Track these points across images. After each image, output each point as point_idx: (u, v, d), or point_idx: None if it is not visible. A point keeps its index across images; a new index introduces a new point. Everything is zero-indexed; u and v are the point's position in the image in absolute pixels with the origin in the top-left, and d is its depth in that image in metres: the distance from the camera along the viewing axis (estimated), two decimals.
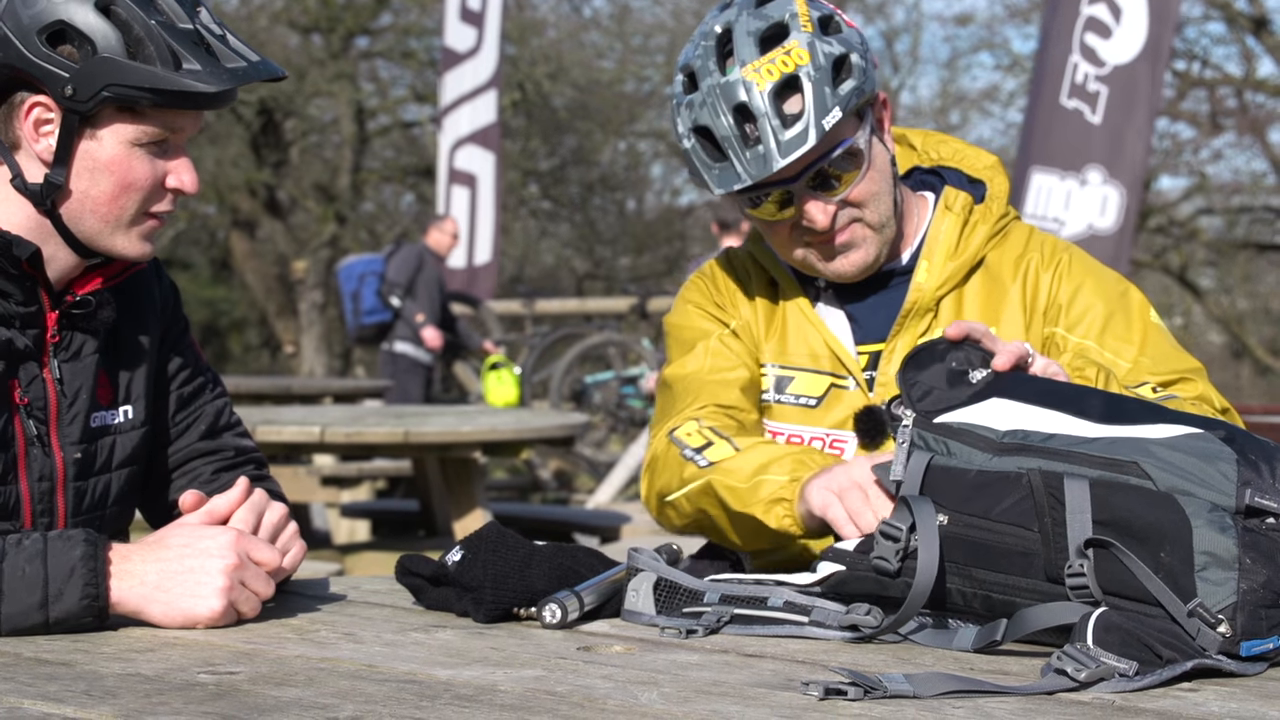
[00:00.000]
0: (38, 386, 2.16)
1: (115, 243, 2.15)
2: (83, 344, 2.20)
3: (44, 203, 2.12)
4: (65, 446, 2.18)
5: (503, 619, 2.01)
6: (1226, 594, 1.74)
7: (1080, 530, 1.80)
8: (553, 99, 23.10)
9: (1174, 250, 21.76)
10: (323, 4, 21.47)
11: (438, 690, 1.63)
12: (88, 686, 1.63)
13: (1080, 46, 8.93)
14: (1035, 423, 1.90)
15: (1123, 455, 1.82)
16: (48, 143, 2.10)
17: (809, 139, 2.33)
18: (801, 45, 2.35)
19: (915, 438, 1.93)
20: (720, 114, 2.35)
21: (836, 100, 2.35)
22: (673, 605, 1.99)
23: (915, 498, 1.89)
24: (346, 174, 22.13)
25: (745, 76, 2.35)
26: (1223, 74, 21.45)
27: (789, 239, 2.47)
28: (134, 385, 2.26)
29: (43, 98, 2.08)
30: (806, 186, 2.40)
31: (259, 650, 1.83)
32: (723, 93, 2.35)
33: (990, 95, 24.10)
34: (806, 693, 1.62)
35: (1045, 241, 2.55)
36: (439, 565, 2.07)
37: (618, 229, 24.85)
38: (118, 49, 2.05)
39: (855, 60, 2.38)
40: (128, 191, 2.12)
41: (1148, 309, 2.52)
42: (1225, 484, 1.78)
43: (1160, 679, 1.68)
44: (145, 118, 2.10)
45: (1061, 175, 8.94)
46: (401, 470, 9.33)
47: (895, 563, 1.88)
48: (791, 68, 2.34)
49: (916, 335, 2.48)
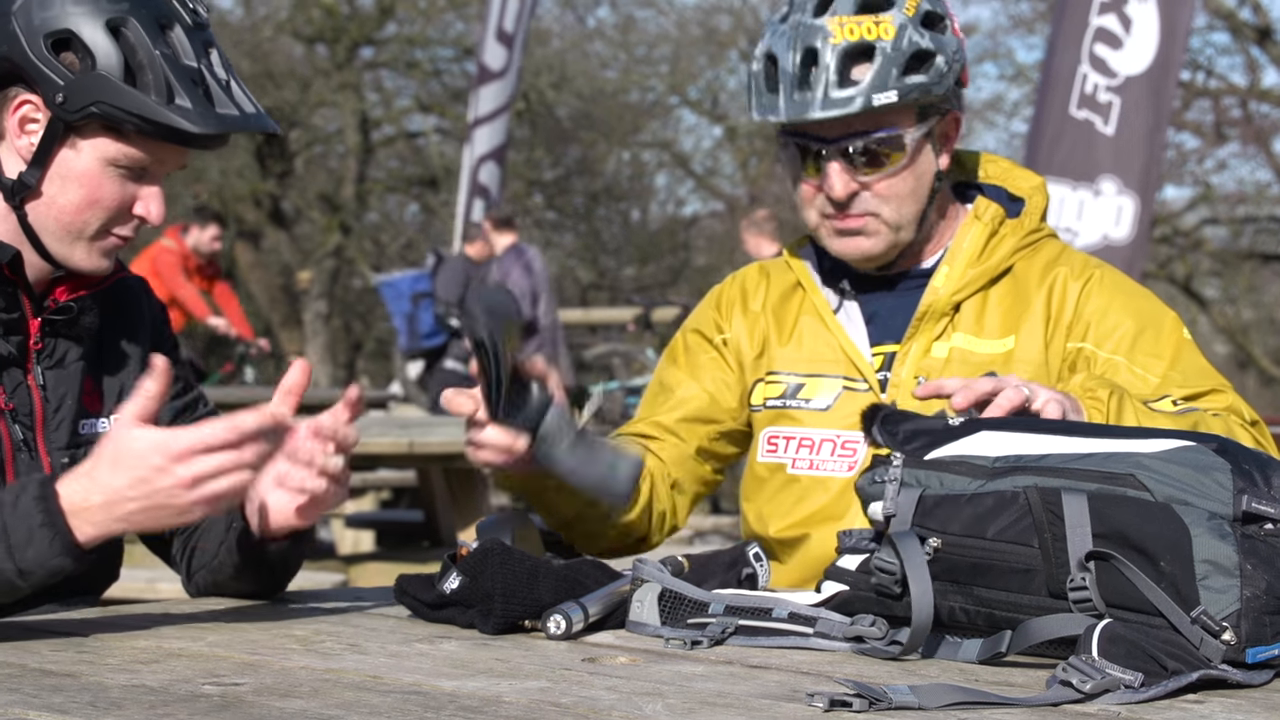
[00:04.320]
0: (22, 393, 2.17)
1: (73, 253, 2.17)
2: (67, 351, 2.21)
3: (13, 199, 2.14)
4: (52, 452, 2.19)
5: (509, 630, 2.01)
6: (1229, 601, 1.74)
7: (1080, 544, 1.80)
8: (557, 109, 23.13)
9: (1179, 260, 21.75)
10: (327, 14, 21.50)
11: (442, 702, 1.63)
12: (93, 698, 1.63)
13: (1090, 57, 8.92)
14: (1026, 446, 1.91)
15: (1118, 469, 1.82)
16: (29, 141, 2.13)
17: (853, 105, 2.37)
18: (893, 22, 2.40)
19: (905, 477, 1.93)
20: (792, 49, 2.41)
21: (899, 86, 2.39)
22: (677, 616, 1.99)
23: (900, 535, 1.89)
24: (351, 184, 22.16)
25: (828, 25, 2.40)
26: (1227, 84, 21.44)
27: (811, 201, 2.50)
28: (122, 395, 2.25)
29: (34, 97, 2.11)
30: (840, 153, 2.43)
31: (264, 661, 1.83)
32: (803, 32, 2.41)
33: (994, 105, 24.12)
34: (811, 704, 1.62)
35: (1076, 257, 2.56)
36: (437, 593, 2.07)
37: (622, 239, 24.85)
38: (116, 70, 2.07)
39: (939, 63, 2.42)
40: (93, 207, 2.14)
41: (1180, 327, 2.51)
42: (1222, 492, 1.79)
43: (1166, 690, 1.67)
44: (129, 141, 2.12)
45: (1074, 186, 8.93)
46: (406, 481, 9.34)
47: (895, 590, 1.89)
48: (873, 36, 2.39)
49: (931, 338, 2.49)
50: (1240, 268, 22.03)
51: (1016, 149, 21.01)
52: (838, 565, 1.99)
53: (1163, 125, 9.20)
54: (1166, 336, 2.48)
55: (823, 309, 2.56)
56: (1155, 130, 9.01)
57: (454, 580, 2.04)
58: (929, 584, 1.85)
